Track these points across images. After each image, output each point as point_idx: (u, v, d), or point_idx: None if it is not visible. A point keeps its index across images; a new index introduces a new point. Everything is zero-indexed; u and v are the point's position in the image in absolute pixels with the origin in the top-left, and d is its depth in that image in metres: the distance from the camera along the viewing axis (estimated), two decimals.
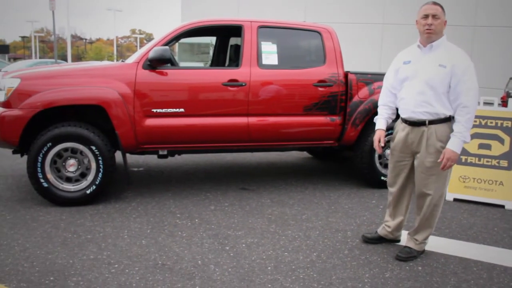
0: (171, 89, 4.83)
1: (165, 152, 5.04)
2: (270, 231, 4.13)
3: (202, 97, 4.89)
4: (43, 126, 4.67)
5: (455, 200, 5.20)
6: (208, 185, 5.59)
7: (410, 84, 3.44)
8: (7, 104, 4.55)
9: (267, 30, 5.21)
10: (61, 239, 3.85)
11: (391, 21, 11.21)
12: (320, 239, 3.94)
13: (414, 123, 3.45)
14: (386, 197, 5.19)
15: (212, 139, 4.99)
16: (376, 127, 3.73)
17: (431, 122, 3.37)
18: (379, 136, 3.66)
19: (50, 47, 73.23)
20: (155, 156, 5.31)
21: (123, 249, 3.66)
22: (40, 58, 55.07)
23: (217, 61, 6.58)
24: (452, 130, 3.34)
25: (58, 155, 4.62)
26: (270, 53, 5.14)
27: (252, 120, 5.00)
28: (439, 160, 3.33)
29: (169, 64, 4.83)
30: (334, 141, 5.44)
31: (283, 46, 5.23)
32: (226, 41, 6.49)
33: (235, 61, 5.49)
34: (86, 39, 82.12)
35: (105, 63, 5.39)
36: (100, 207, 4.68)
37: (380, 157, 5.53)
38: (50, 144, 4.53)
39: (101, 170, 4.66)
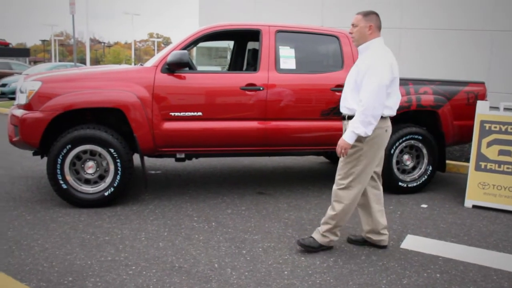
0: (189, 92, 4.86)
1: (182, 156, 5.07)
2: (287, 235, 4.13)
3: (219, 101, 4.91)
4: (63, 128, 4.73)
5: (474, 207, 5.14)
6: (225, 188, 5.60)
7: None
8: (28, 107, 4.62)
9: (285, 34, 5.22)
10: (80, 240, 3.89)
11: (409, 26, 11.12)
12: (337, 244, 3.92)
13: (343, 117, 3.76)
14: (403, 202, 5.17)
15: (230, 143, 5.00)
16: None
17: (350, 117, 3.60)
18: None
19: (69, 50, 74.22)
20: (173, 159, 5.34)
21: (141, 251, 3.69)
22: (59, 61, 55.82)
23: (235, 65, 6.60)
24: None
25: (77, 157, 4.68)
26: (287, 57, 5.14)
27: (270, 124, 5.01)
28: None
29: (187, 68, 4.86)
30: None
31: (301, 51, 5.23)
32: (243, 45, 6.51)
33: (253, 65, 5.50)
34: (104, 43, 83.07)
35: (124, 66, 5.45)
36: (118, 209, 4.72)
37: (397, 162, 5.50)
38: (69, 146, 4.59)
39: (119, 172, 4.71)
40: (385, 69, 3.48)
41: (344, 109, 3.71)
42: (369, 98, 3.41)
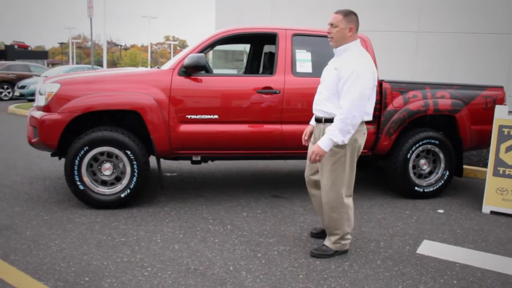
0: (206, 95, 4.88)
1: (198, 158, 5.09)
2: (302, 239, 4.12)
3: (236, 104, 4.92)
4: (81, 130, 4.77)
5: (492, 213, 5.07)
6: (240, 191, 5.61)
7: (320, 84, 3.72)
8: (47, 108, 4.68)
9: (302, 38, 5.22)
10: (96, 241, 3.93)
11: (426, 29, 11.04)
12: (352, 249, 3.90)
13: (317, 120, 3.71)
14: (420, 208, 5.13)
15: (245, 146, 5.01)
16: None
17: (327, 120, 3.57)
18: (305, 130, 3.90)
19: (87, 53, 74.95)
20: (189, 162, 5.37)
21: (156, 253, 3.71)
22: (76, 63, 56.44)
23: (251, 68, 6.61)
24: None
25: (94, 158, 4.73)
26: (304, 61, 5.13)
27: (286, 127, 5.01)
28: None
29: (204, 71, 4.88)
30: (367, 150, 5.38)
31: (317, 54, 5.21)
32: (260, 48, 6.52)
33: (269, 69, 5.51)
34: (121, 45, 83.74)
35: (142, 69, 5.49)
36: (134, 210, 4.75)
37: (414, 167, 5.46)
38: (87, 147, 4.63)
39: (135, 174, 4.74)
40: (368, 78, 3.43)
41: (319, 112, 3.65)
42: (350, 107, 3.35)
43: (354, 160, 3.64)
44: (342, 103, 3.40)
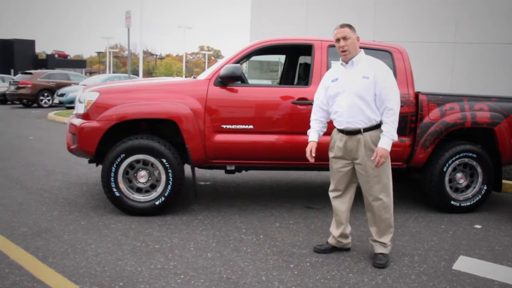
0: (241, 106, 4.92)
1: (232, 168, 5.13)
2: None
3: (271, 115, 4.94)
4: (119, 137, 4.87)
5: None
6: (273, 202, 5.61)
7: (341, 98, 3.76)
8: (86, 116, 4.80)
9: None
10: (131, 247, 3.99)
11: (463, 40, 10.86)
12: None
13: (350, 132, 3.74)
14: (456, 222, 5.01)
15: (280, 157, 5.02)
16: (309, 139, 4.01)
17: (366, 129, 3.70)
18: (310, 147, 3.95)
19: (123, 62, 76.55)
20: (222, 171, 5.40)
21: (189, 261, 3.74)
22: (113, 72, 57.65)
23: (286, 79, 6.62)
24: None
25: (130, 166, 4.81)
26: None
27: (320, 138, 4.97)
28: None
29: (239, 82, 4.92)
30: (402, 163, 5.31)
31: None
32: (295, 59, 6.53)
33: (304, 80, 5.51)
34: (156, 55, 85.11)
35: (178, 79, 5.58)
36: (168, 218, 4.81)
37: (450, 180, 5.35)
38: (123, 155, 4.72)
39: (170, 182, 4.80)
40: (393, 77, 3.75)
41: (358, 123, 3.71)
42: (397, 106, 3.65)
43: (333, 163, 3.98)
44: (390, 104, 3.63)
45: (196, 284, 3.33)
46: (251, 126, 4.89)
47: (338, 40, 3.75)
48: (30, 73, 21.34)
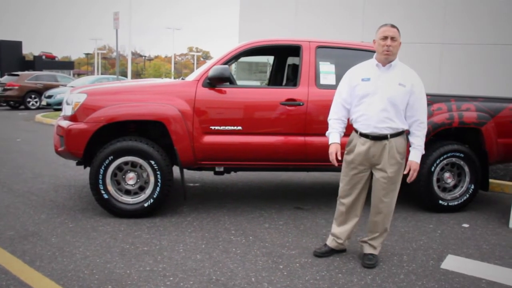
0: (230, 107, 4.91)
1: (221, 169, 5.12)
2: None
3: (259, 116, 4.94)
4: (107, 139, 4.84)
5: None
6: (262, 203, 5.61)
7: (370, 100, 3.60)
8: (73, 118, 4.77)
9: (325, 50, 5.22)
10: (119, 249, 3.97)
11: (451, 41, 10.94)
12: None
13: (376, 137, 3.63)
14: (444, 222, 5.05)
15: (269, 158, 5.02)
16: (331, 141, 3.81)
17: (392, 136, 3.63)
18: (336, 149, 3.75)
19: (111, 63, 76.10)
20: (211, 173, 5.39)
21: (178, 263, 3.73)
22: (101, 74, 57.34)
23: (275, 80, 6.63)
24: (406, 141, 3.71)
25: (119, 168, 4.78)
26: (328, 73, 5.13)
27: (309, 139, 5.00)
28: (405, 172, 3.67)
29: (228, 83, 4.92)
30: None
31: (341, 66, 5.20)
32: (283, 60, 6.55)
33: (293, 81, 5.52)
34: (145, 56, 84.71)
35: (166, 80, 5.56)
36: (156, 220, 4.79)
37: (438, 180, 5.38)
38: (111, 157, 4.69)
39: (159, 184, 4.78)
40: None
41: (386, 129, 3.60)
42: (426, 119, 3.69)
43: (349, 168, 3.87)
44: (422, 117, 3.65)
45: (186, 286, 3.32)
46: (239, 127, 4.89)
47: (385, 38, 3.55)
48: (17, 75, 21.11)
